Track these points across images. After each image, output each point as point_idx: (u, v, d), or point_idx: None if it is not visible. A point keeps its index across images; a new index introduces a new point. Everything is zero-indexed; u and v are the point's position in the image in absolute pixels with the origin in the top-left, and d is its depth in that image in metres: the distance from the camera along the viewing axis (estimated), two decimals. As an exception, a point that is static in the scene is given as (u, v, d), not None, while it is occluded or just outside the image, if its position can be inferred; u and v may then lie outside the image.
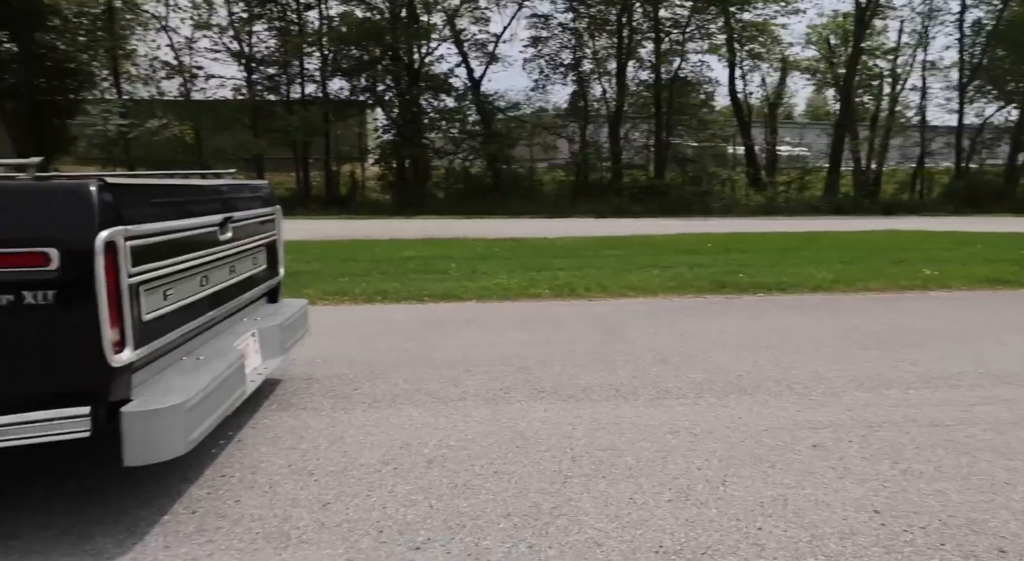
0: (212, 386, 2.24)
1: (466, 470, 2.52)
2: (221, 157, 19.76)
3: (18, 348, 1.86)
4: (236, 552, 1.98)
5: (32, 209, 1.86)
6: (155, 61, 20.60)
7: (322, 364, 3.89)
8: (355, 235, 11.67)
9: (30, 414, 1.89)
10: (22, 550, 1.99)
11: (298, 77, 20.94)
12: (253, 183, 3.38)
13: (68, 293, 1.83)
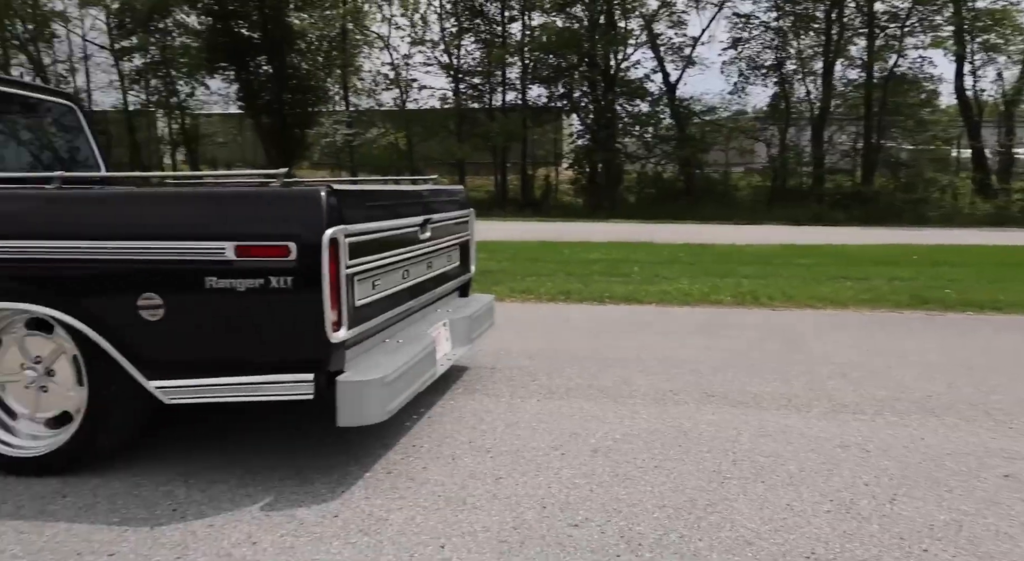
0: (408, 365, 2.56)
1: (628, 462, 2.64)
2: (428, 162, 21.30)
3: (263, 322, 2.29)
4: (421, 509, 2.26)
5: (279, 210, 2.27)
6: (377, 75, 22.68)
7: (505, 356, 4.18)
8: (545, 237, 12.08)
9: (270, 376, 2.32)
10: (258, 485, 2.43)
11: (500, 85, 21.95)
12: (450, 188, 3.73)
13: (301, 279, 2.22)
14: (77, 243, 2.34)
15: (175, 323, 2.32)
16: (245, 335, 2.33)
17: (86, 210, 2.40)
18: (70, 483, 2.45)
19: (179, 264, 2.28)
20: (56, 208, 2.43)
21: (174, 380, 2.37)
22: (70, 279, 2.35)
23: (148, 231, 2.31)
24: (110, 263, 2.31)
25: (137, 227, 2.32)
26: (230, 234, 2.26)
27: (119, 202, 2.46)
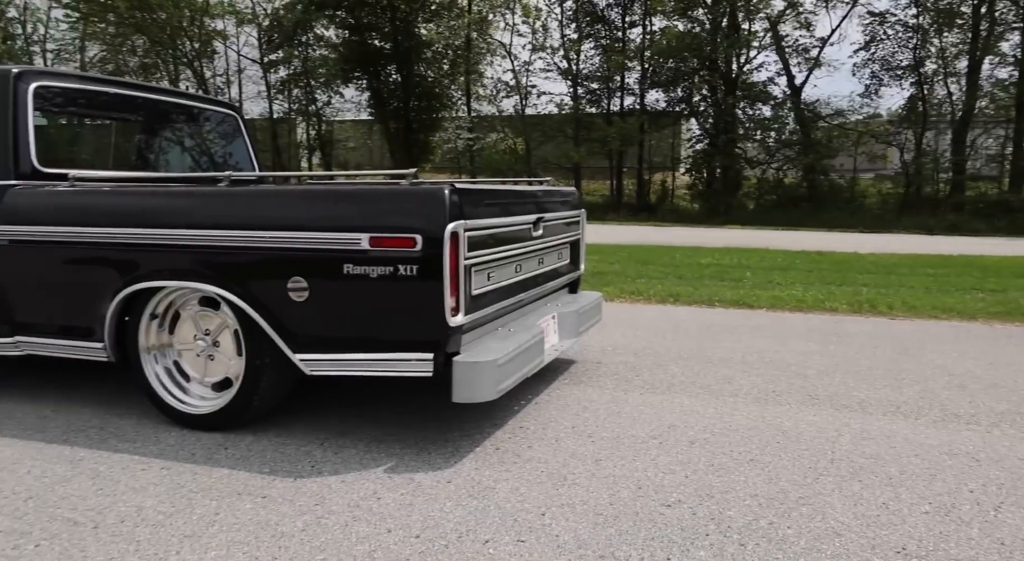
0: (517, 351, 2.76)
1: (724, 454, 2.72)
2: (545, 166, 21.64)
3: (391, 306, 2.56)
4: (524, 482, 2.46)
5: (407, 207, 2.53)
6: (498, 82, 23.28)
7: (611, 352, 4.31)
8: (659, 241, 12.03)
9: (395, 354, 2.58)
10: (382, 452, 2.71)
11: (618, 90, 21.95)
12: (563, 190, 3.91)
13: (425, 268, 2.47)
14: (241, 233, 2.70)
15: (317, 304, 2.64)
16: (375, 317, 2.61)
17: (249, 205, 2.77)
18: (230, 438, 2.83)
19: (322, 252, 2.59)
20: (226, 203, 2.81)
21: (315, 354, 2.69)
22: (235, 263, 2.72)
23: (298, 223, 2.64)
24: (267, 250, 2.66)
25: (289, 220, 2.65)
26: (365, 227, 2.54)
27: (275, 198, 2.81)
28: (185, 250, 2.77)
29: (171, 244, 2.79)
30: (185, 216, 2.81)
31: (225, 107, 4.40)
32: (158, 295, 2.93)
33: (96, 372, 3.66)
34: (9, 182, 3.11)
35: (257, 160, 4.56)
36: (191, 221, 2.78)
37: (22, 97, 3.17)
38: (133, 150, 4.01)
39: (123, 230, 2.87)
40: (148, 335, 2.98)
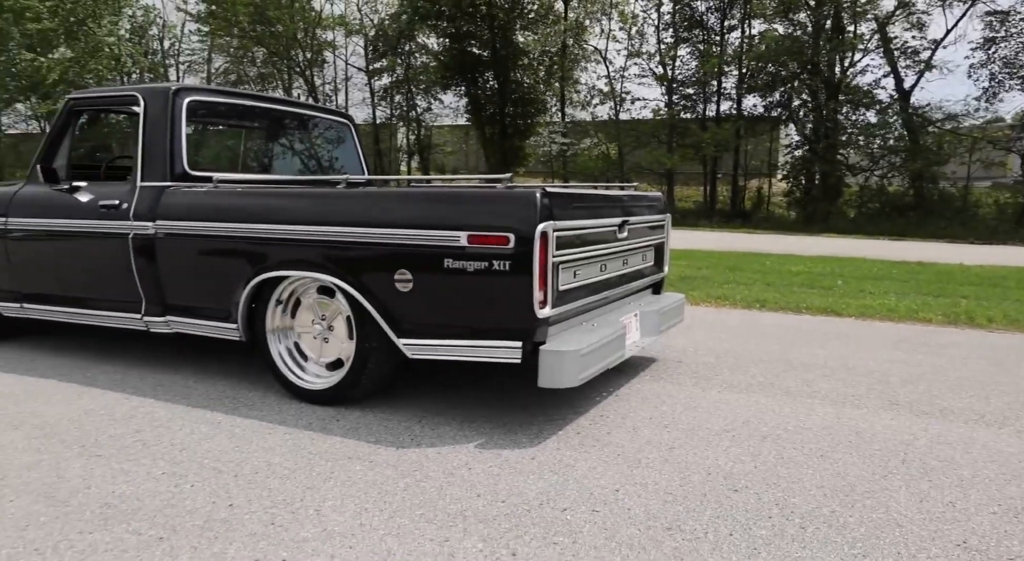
0: (599, 344, 2.97)
1: (794, 448, 2.83)
2: (638, 171, 21.58)
3: (485, 298, 2.82)
4: (601, 462, 2.67)
5: (502, 208, 2.79)
6: (592, 88, 23.41)
7: (692, 353, 4.44)
8: (750, 248, 11.87)
9: (487, 342, 2.85)
10: (473, 430, 2.99)
11: (714, 95, 21.61)
12: (649, 195, 4.08)
13: (516, 264, 2.72)
14: (355, 229, 3.04)
15: (420, 294, 2.94)
16: (471, 307, 2.88)
17: (362, 205, 3.11)
18: (341, 412, 3.18)
19: (425, 248, 2.89)
20: (342, 203, 3.17)
21: (416, 339, 3.00)
22: (349, 256, 3.06)
23: (404, 222, 2.94)
24: (377, 245, 2.99)
25: (397, 219, 2.97)
26: (464, 226, 2.82)
27: (385, 199, 3.14)
28: (307, 244, 3.14)
29: (295, 238, 3.17)
30: (308, 214, 3.18)
31: (339, 116, 4.82)
32: (283, 284, 3.32)
33: (225, 351, 4.14)
34: (165, 183, 3.60)
35: (366, 163, 4.97)
36: (313, 218, 3.15)
37: (178, 111, 3.66)
38: (263, 155, 4.48)
39: (255, 226, 3.27)
40: (274, 319, 3.38)
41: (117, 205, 3.65)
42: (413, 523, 2.17)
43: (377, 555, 1.99)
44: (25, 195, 4.00)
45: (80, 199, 3.78)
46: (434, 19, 22.34)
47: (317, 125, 4.69)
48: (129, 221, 3.59)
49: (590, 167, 21.17)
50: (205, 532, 2.09)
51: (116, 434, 2.88)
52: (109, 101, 3.90)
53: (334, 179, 3.57)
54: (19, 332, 4.50)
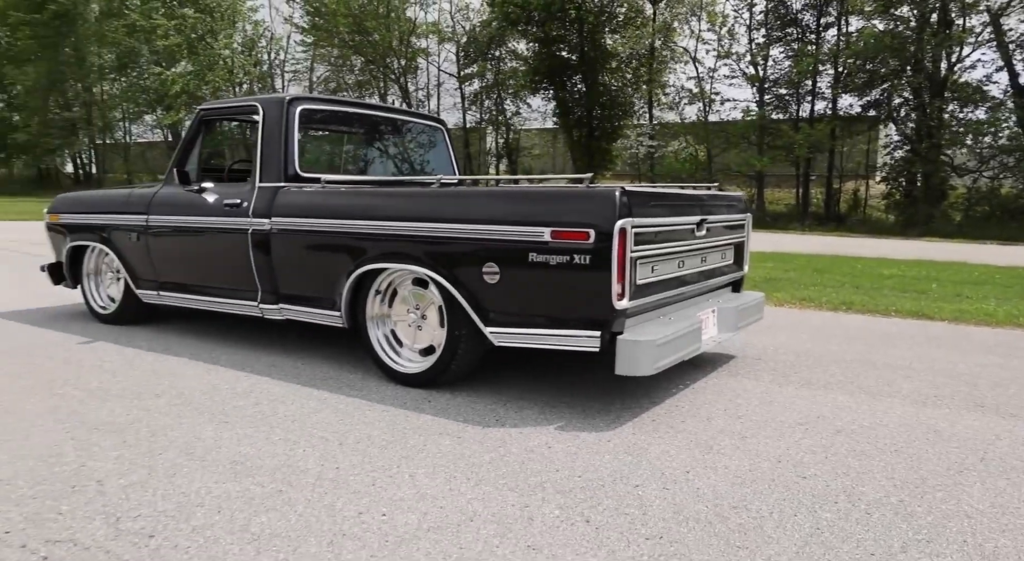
0: (675, 336, 3.10)
1: (868, 442, 2.87)
2: (727, 173, 21.17)
3: (566, 289, 3.01)
4: (674, 447, 2.80)
5: (583, 205, 2.97)
6: (681, 90, 23.12)
7: (772, 351, 4.47)
8: (842, 251, 11.50)
9: (568, 331, 3.03)
10: (553, 413, 3.18)
11: (808, 95, 20.92)
12: (729, 194, 4.15)
13: (596, 259, 2.89)
14: (448, 226, 3.29)
15: (506, 286, 3.15)
16: (553, 298, 3.07)
17: (454, 203, 3.35)
18: (432, 395, 3.44)
19: (512, 243, 3.09)
20: (436, 201, 3.42)
21: (502, 328, 3.21)
22: (442, 251, 3.31)
23: (492, 218, 3.16)
24: (467, 240, 3.22)
25: (486, 216, 3.19)
26: (548, 222, 3.01)
27: (475, 198, 3.37)
28: (404, 239, 3.42)
29: (394, 234, 3.45)
30: (405, 212, 3.46)
31: (433, 120, 5.12)
32: (382, 275, 3.61)
33: (329, 337, 4.50)
34: (280, 184, 3.97)
35: (457, 165, 5.24)
36: (409, 216, 3.42)
37: (291, 118, 4.03)
38: (364, 157, 4.84)
39: (358, 222, 3.58)
40: (373, 308, 3.68)
41: (238, 204, 4.05)
42: (497, 490, 2.38)
43: (464, 514, 2.21)
44: (163, 196, 4.49)
45: (207, 199, 4.22)
46: (523, 24, 22.66)
47: (412, 129, 5.01)
48: (248, 218, 3.99)
49: (677, 169, 20.91)
50: (316, 488, 2.37)
51: (239, 405, 3.24)
52: (234, 111, 4.34)
53: (429, 180, 3.84)
54: (156, 316, 5.03)
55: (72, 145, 34.23)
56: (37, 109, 32.49)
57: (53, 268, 5.23)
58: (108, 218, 4.76)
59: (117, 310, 4.94)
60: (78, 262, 5.13)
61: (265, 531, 2.08)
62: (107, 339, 4.54)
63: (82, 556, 1.94)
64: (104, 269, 5.09)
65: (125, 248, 4.68)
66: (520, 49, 25.28)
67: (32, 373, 3.74)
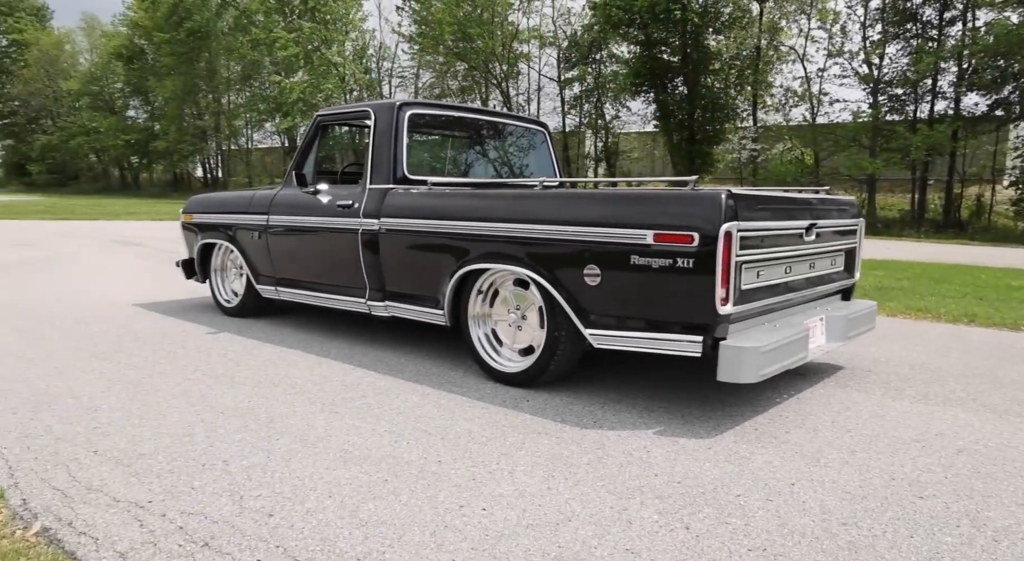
0: (781, 343, 2.98)
1: (994, 464, 2.65)
2: (835, 177, 20.09)
3: (669, 293, 2.95)
4: (778, 457, 2.68)
5: (688, 208, 2.90)
6: (787, 91, 22.17)
7: (884, 363, 4.20)
8: (963, 260, 10.68)
9: (669, 335, 2.97)
10: (652, 418, 3.12)
11: (926, 94, 19.55)
12: (840, 199, 3.94)
13: (700, 262, 2.82)
14: (550, 227, 3.30)
15: (607, 288, 3.13)
16: (655, 301, 3.02)
17: (557, 205, 3.35)
18: (530, 394, 3.46)
19: (613, 245, 3.07)
20: (539, 203, 3.44)
21: (602, 330, 3.19)
22: (543, 252, 3.33)
23: (595, 221, 3.15)
24: (569, 242, 3.22)
25: (588, 218, 3.18)
26: (650, 224, 2.96)
27: (577, 200, 3.36)
28: (506, 240, 3.46)
29: (496, 235, 3.50)
30: (508, 213, 3.49)
31: (535, 123, 5.15)
32: (484, 275, 3.67)
33: (432, 334, 4.61)
34: (389, 186, 4.11)
35: (559, 168, 5.25)
36: (512, 217, 3.46)
37: (401, 122, 4.16)
38: (468, 160, 4.93)
39: (462, 223, 3.65)
40: (475, 307, 3.74)
41: (349, 205, 4.22)
42: (595, 492, 2.37)
43: (563, 514, 2.20)
44: (282, 197, 4.75)
45: (322, 200, 4.43)
46: (625, 26, 22.40)
47: (514, 132, 5.06)
48: (359, 218, 4.15)
49: (782, 173, 20.04)
50: (419, 479, 2.44)
51: (347, 397, 3.38)
52: (347, 116, 4.54)
53: (531, 182, 3.87)
54: (273, 310, 5.33)
55: (202, 151, 36.84)
56: (174, 118, 35.19)
57: (186, 264, 5.64)
58: (233, 218, 5.08)
59: (240, 304, 5.27)
60: (207, 259, 5.50)
61: (372, 518, 2.16)
62: (231, 330, 4.85)
63: (211, 529, 2.08)
64: (229, 266, 5.44)
65: (248, 246, 4.98)
66: (621, 52, 25.03)
67: (167, 359, 4.04)
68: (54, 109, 44.26)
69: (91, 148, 41.76)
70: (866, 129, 19.50)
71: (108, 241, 11.79)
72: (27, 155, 44.77)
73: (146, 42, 36.15)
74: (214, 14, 32.62)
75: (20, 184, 45.04)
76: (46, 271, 7.79)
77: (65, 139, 41.00)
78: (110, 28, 41.39)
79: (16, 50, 46.28)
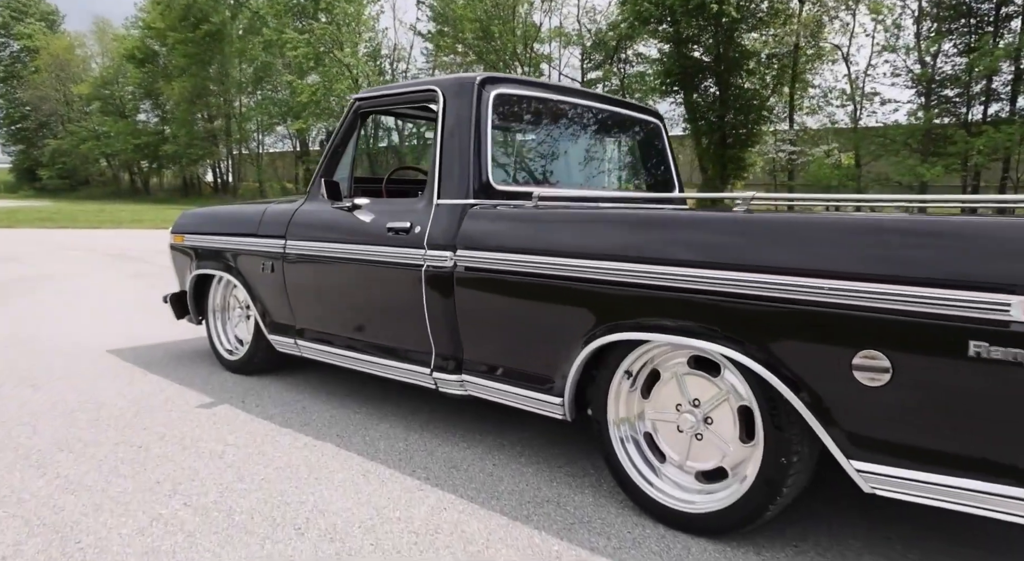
0: None
1: None
2: (882, 182, 18.58)
3: None
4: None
5: None
6: (829, 92, 20.68)
7: None
8: None
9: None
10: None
11: (979, 95, 18.02)
12: None
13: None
14: (772, 278, 1.86)
15: (904, 394, 1.69)
16: (1010, 429, 1.59)
17: (796, 238, 1.90)
18: (728, 546, 2.01)
19: (929, 318, 1.63)
20: (744, 234, 1.99)
21: (881, 466, 1.76)
22: (758, 318, 1.89)
23: (880, 270, 1.71)
24: (816, 305, 1.79)
25: (868, 264, 1.73)
26: (1017, 286, 1.53)
27: (840, 231, 1.87)
28: (683, 294, 2.03)
29: (664, 286, 2.07)
30: (684, 250, 2.06)
31: (650, 114, 3.71)
32: (637, 350, 2.23)
33: (531, 420, 3.14)
34: (468, 201, 2.68)
35: (678, 175, 3.81)
36: (692, 257, 2.03)
37: (484, 107, 2.74)
38: (572, 163, 3.49)
39: (601, 265, 2.22)
40: (618, 397, 2.31)
41: (406, 228, 2.80)
42: None
43: None
44: (305, 214, 3.32)
45: (363, 219, 3.00)
46: (655, 23, 20.96)
47: (626, 125, 3.62)
48: (421, 249, 2.72)
49: (826, 177, 18.50)
50: None
51: (418, 548, 1.95)
52: (399, 99, 3.08)
53: (728, 196, 2.42)
54: (290, 362, 3.90)
55: (213, 155, 35.59)
56: (185, 122, 33.97)
57: (176, 300, 4.21)
58: (237, 242, 3.66)
59: (246, 356, 3.84)
60: (204, 293, 4.09)
61: None
62: (233, 400, 3.42)
63: None
64: (232, 303, 4.01)
65: (257, 281, 3.56)
66: (649, 51, 23.60)
67: (132, 465, 2.62)
68: (65, 114, 43.10)
69: (101, 153, 40.56)
70: (918, 132, 17.96)
71: (104, 255, 10.41)
72: (38, 160, 43.64)
73: (159, 44, 34.94)
74: (229, 16, 31.37)
75: (31, 189, 43.91)
76: (18, 295, 6.39)
77: (75, 144, 39.80)
78: (121, 31, 40.22)
79: (27, 55, 45.21)
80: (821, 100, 21.05)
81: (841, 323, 1.76)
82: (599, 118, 3.43)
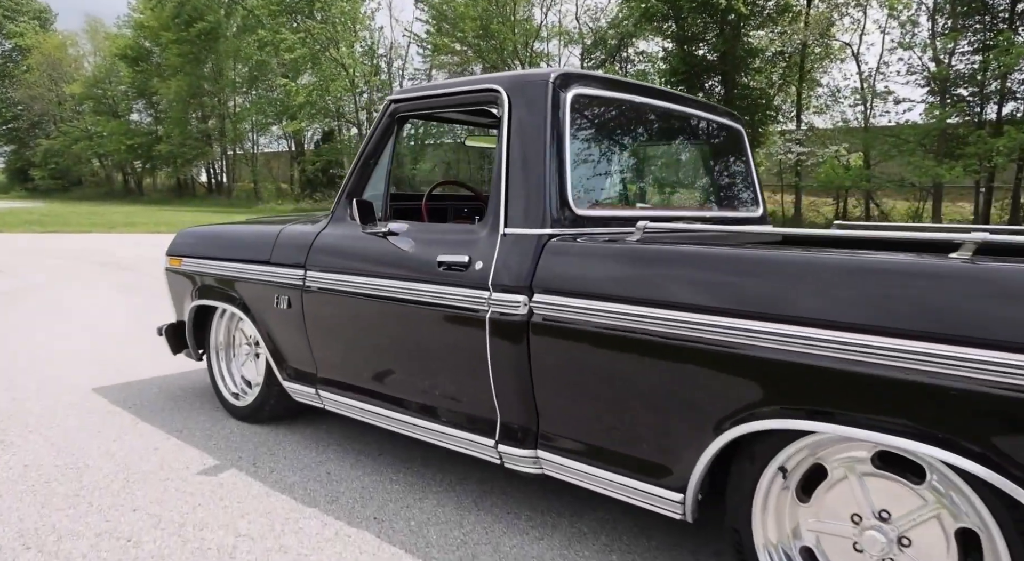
0: None
1: None
2: (893, 184, 18.07)
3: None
4: None
5: None
6: (838, 90, 20.15)
7: None
8: None
9: None
10: None
11: (994, 95, 17.53)
12: None
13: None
14: (1018, 358, 1.29)
15: None
16: None
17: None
18: None
19: None
20: (966, 288, 1.42)
21: None
22: (983, 406, 1.32)
23: None
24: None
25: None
26: None
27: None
28: (868, 368, 1.45)
29: (838, 357, 1.49)
30: (901, 310, 1.48)
31: (732, 119, 3.13)
32: (796, 443, 1.65)
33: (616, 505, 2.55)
34: (545, 231, 2.09)
35: (760, 188, 3.23)
36: (906, 325, 1.45)
37: (562, 111, 2.16)
38: (660, 179, 2.90)
39: (761, 326, 1.63)
40: (767, 501, 1.73)
41: (464, 262, 2.21)
42: None
43: None
44: (330, 239, 2.72)
45: (403, 248, 2.41)
46: (660, 20, 20.39)
47: (707, 132, 3.03)
48: (486, 291, 2.13)
49: (838, 180, 17.96)
50: None
51: None
52: (449, 101, 2.48)
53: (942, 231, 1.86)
54: (305, 410, 3.30)
55: (207, 155, 34.83)
56: (179, 121, 33.23)
57: (173, 331, 3.60)
58: (244, 270, 3.05)
59: (255, 402, 3.25)
60: (205, 326, 3.48)
61: None
62: (241, 462, 2.82)
63: None
64: (239, 339, 3.41)
65: (269, 317, 2.96)
66: (651, 50, 23.03)
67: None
68: (57, 113, 42.24)
69: (94, 153, 39.75)
70: (933, 131, 17.44)
71: (94, 263, 9.76)
72: (30, 160, 42.76)
73: (151, 43, 34.13)
74: (223, 15, 30.61)
75: (23, 190, 43.01)
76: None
77: (68, 144, 38.97)
78: (114, 30, 39.35)
79: (19, 54, 44.29)
80: (829, 99, 20.53)
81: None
82: (684, 124, 2.85)
